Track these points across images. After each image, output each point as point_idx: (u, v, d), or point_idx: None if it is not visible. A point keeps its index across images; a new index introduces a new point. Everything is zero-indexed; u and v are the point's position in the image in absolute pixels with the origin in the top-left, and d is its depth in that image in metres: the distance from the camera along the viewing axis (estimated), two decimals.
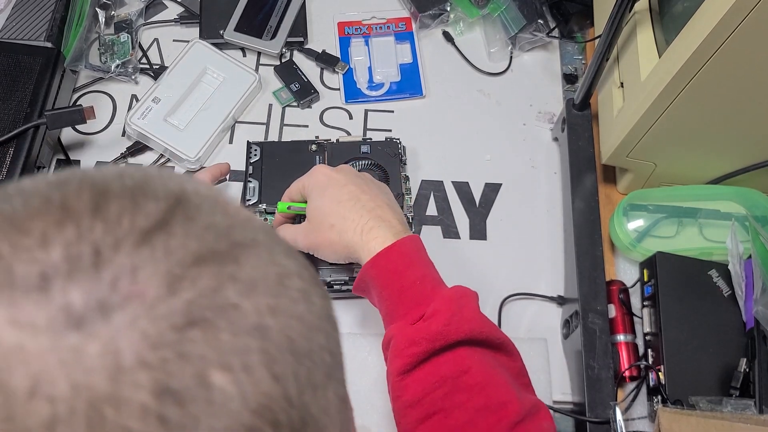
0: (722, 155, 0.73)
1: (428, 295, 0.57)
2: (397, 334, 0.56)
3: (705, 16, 0.57)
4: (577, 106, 0.79)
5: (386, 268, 0.58)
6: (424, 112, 0.87)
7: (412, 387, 0.54)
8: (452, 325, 0.54)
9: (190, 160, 0.80)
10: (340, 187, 0.63)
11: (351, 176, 0.65)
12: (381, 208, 0.61)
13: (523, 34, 0.89)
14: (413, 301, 0.57)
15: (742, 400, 0.63)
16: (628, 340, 0.71)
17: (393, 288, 0.58)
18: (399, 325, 0.57)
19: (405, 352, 0.54)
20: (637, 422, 0.69)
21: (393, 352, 0.56)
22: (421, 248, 0.60)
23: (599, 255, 0.72)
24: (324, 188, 0.64)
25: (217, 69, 0.85)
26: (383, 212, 0.61)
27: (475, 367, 0.54)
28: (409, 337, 0.55)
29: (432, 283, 0.58)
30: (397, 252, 0.58)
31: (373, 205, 0.61)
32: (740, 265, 0.69)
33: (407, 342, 0.54)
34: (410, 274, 0.57)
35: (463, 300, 0.56)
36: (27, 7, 0.85)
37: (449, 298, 0.56)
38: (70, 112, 0.76)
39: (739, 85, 0.61)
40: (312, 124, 0.86)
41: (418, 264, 0.58)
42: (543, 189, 0.83)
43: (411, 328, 0.55)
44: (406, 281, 0.57)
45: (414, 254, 0.59)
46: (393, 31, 0.91)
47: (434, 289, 0.57)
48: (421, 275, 0.58)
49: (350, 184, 0.63)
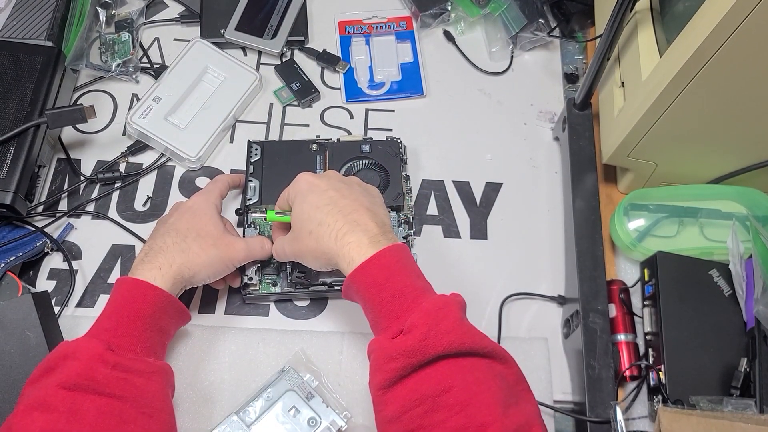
0: (723, 155, 0.73)
1: (408, 308, 0.55)
2: (377, 348, 0.56)
3: (706, 16, 0.57)
4: (577, 106, 0.79)
5: (365, 282, 0.57)
6: (425, 111, 0.87)
7: (392, 403, 0.53)
8: (429, 339, 0.53)
9: (190, 159, 0.80)
10: (320, 192, 0.62)
11: (333, 181, 0.64)
12: (357, 212, 0.60)
13: (524, 33, 0.89)
14: (393, 314, 0.56)
15: (742, 400, 0.63)
16: (629, 339, 0.71)
17: (374, 301, 0.57)
18: (379, 339, 0.56)
19: (384, 367, 0.54)
20: (637, 422, 0.69)
21: (373, 366, 0.56)
22: (403, 257, 0.59)
23: (600, 254, 0.72)
24: (305, 195, 0.63)
25: (218, 68, 0.85)
26: (359, 216, 0.60)
27: (458, 385, 0.52)
28: (387, 352, 0.54)
29: (413, 294, 0.56)
30: (376, 264, 0.57)
31: (351, 209, 0.60)
32: (741, 265, 0.70)
33: (385, 357, 0.54)
34: (390, 286, 0.56)
35: (443, 312, 0.54)
36: (28, 6, 0.85)
37: (427, 311, 0.54)
38: (71, 111, 0.76)
39: (739, 84, 0.61)
40: (313, 124, 0.86)
41: (398, 275, 0.57)
42: (544, 188, 0.83)
43: (389, 343, 0.54)
44: (386, 294, 0.56)
45: (394, 265, 0.57)
46: (394, 30, 0.91)
47: (415, 301, 0.56)
48: (401, 287, 0.56)
49: (330, 189, 0.62)
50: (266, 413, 0.66)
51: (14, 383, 0.62)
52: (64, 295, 0.74)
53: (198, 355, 0.71)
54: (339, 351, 0.71)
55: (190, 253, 0.65)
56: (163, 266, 0.63)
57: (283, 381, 0.68)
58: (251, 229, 0.74)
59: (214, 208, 0.70)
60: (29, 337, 0.64)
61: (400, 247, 0.59)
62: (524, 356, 0.72)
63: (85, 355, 0.57)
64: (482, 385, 0.52)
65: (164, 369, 0.62)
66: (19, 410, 0.55)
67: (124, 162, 0.83)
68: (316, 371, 0.69)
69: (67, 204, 0.80)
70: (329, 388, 0.69)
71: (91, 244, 0.78)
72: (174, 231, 0.66)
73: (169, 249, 0.65)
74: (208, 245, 0.66)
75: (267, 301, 0.75)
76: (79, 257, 0.77)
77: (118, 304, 0.61)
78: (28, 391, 0.57)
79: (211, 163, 0.83)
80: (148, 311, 0.61)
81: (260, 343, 0.72)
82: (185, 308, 0.65)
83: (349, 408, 0.68)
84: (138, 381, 0.58)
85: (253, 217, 0.75)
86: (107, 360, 0.57)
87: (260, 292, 0.72)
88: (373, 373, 0.55)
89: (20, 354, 0.63)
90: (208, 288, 0.74)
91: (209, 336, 0.72)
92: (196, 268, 0.65)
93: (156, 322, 0.62)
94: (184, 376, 0.69)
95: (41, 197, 0.80)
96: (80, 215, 0.79)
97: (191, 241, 0.66)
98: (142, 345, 0.61)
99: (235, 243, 0.67)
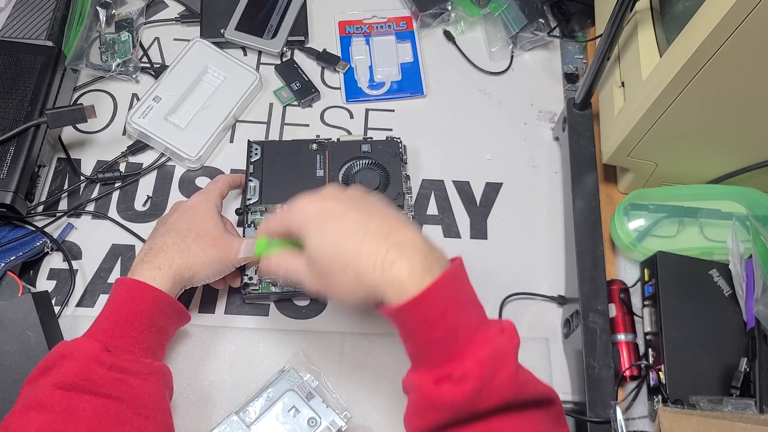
0: (723, 155, 0.73)
1: (461, 350, 0.48)
2: (418, 388, 0.50)
3: (706, 16, 0.57)
4: (578, 106, 0.79)
5: (417, 319, 0.49)
6: (425, 111, 0.87)
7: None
8: (482, 395, 0.46)
9: (190, 159, 0.80)
10: (340, 217, 0.53)
11: (344, 200, 0.55)
12: (397, 230, 0.51)
13: (524, 33, 0.89)
14: (442, 353, 0.49)
15: (742, 400, 0.63)
16: (629, 339, 0.71)
17: (421, 338, 0.50)
18: (420, 378, 0.50)
19: (426, 415, 0.48)
20: (637, 422, 0.69)
21: (412, 408, 0.50)
22: (458, 283, 0.51)
23: (600, 254, 0.72)
24: (322, 225, 0.53)
25: (218, 68, 0.85)
26: (400, 235, 0.51)
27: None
28: (431, 400, 0.48)
29: (468, 333, 0.49)
30: (431, 298, 0.49)
31: (388, 229, 0.51)
32: (741, 265, 0.70)
33: (429, 404, 0.48)
34: (443, 324, 0.49)
35: (500, 363, 0.48)
36: (28, 6, 0.85)
37: (482, 361, 0.47)
38: (71, 110, 0.76)
39: (740, 84, 0.61)
40: (313, 123, 0.86)
41: (453, 309, 0.49)
42: (544, 188, 0.83)
43: (434, 388, 0.48)
44: (438, 333, 0.49)
45: (449, 298, 0.49)
46: (394, 30, 0.91)
47: (469, 342, 0.48)
48: (456, 325, 0.49)
49: (351, 210, 0.53)
50: (266, 413, 0.66)
51: (14, 383, 0.62)
52: (64, 295, 0.74)
53: (198, 355, 0.71)
54: (339, 351, 0.71)
55: (190, 254, 0.65)
56: (163, 266, 0.63)
57: (283, 381, 0.68)
58: (251, 228, 0.74)
59: (214, 208, 0.70)
60: (29, 337, 0.64)
61: (454, 270, 0.51)
62: (524, 356, 0.71)
63: (82, 356, 0.57)
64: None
65: (161, 370, 0.62)
66: (16, 410, 0.55)
67: (124, 162, 0.83)
68: (316, 371, 0.69)
69: (67, 204, 0.80)
70: (329, 388, 0.69)
71: (91, 244, 0.78)
72: (174, 231, 0.66)
73: (169, 249, 0.65)
74: (207, 245, 0.66)
75: (267, 301, 0.75)
76: (79, 257, 0.77)
77: (117, 304, 0.61)
78: (25, 391, 0.57)
79: (211, 162, 0.83)
80: (146, 312, 0.61)
81: (260, 343, 0.72)
82: (184, 309, 0.65)
83: (349, 408, 0.68)
84: (134, 382, 0.58)
85: (253, 217, 0.75)
86: (104, 360, 0.57)
87: (260, 292, 0.72)
88: (412, 415, 0.50)
89: (20, 354, 0.63)
90: (207, 288, 0.74)
91: (209, 336, 0.72)
92: (196, 269, 0.65)
93: (154, 322, 0.62)
94: (183, 376, 0.69)
95: (41, 197, 0.80)
96: (80, 215, 0.79)
97: (191, 242, 0.66)
98: (140, 346, 0.60)
99: (234, 243, 0.67)
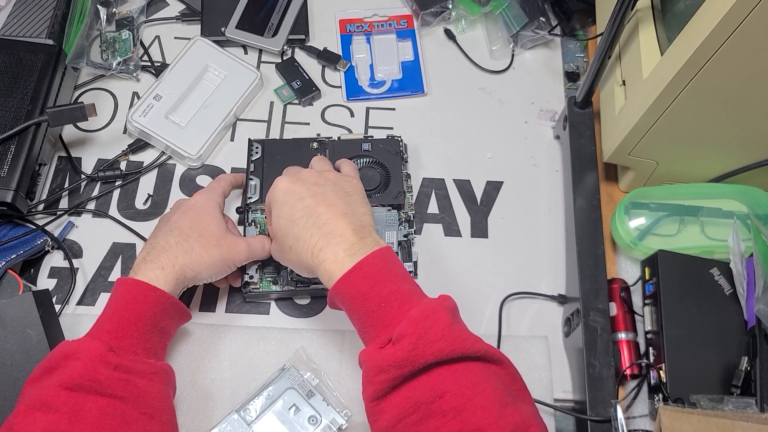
0: (724, 153, 0.73)
1: (395, 316, 0.54)
2: (367, 359, 0.55)
3: (707, 15, 0.57)
4: (578, 104, 0.79)
5: (348, 293, 0.56)
6: (426, 109, 0.87)
7: (385, 413, 0.53)
8: (419, 348, 0.52)
9: (191, 158, 0.80)
10: (296, 202, 0.61)
11: (310, 185, 0.62)
12: (333, 221, 0.59)
13: (524, 31, 0.89)
14: (380, 323, 0.55)
15: (743, 399, 0.63)
16: (630, 338, 0.71)
17: (359, 311, 0.56)
18: (368, 349, 0.55)
19: (375, 379, 0.53)
20: (638, 420, 0.69)
21: (364, 377, 0.55)
22: (384, 262, 0.57)
23: (600, 253, 0.72)
24: (281, 206, 0.62)
25: (219, 66, 0.85)
26: (335, 225, 0.58)
27: (451, 390, 0.51)
28: (377, 363, 0.53)
29: (399, 301, 0.55)
30: (356, 276, 0.56)
31: (326, 218, 0.59)
32: (742, 264, 0.69)
33: (376, 368, 0.53)
34: (375, 295, 0.55)
35: (431, 319, 0.53)
36: (28, 5, 0.85)
37: (415, 319, 0.53)
38: (72, 109, 0.76)
39: (741, 82, 0.61)
40: (313, 122, 0.86)
41: (382, 282, 0.56)
42: (544, 187, 0.83)
43: (378, 354, 0.53)
44: (371, 304, 0.55)
45: (377, 273, 0.56)
46: (394, 29, 0.91)
47: (402, 308, 0.54)
48: (386, 294, 0.55)
49: (307, 197, 0.61)
50: (267, 411, 0.66)
51: (15, 382, 0.62)
52: (65, 294, 0.74)
53: (199, 354, 0.71)
54: (339, 349, 0.71)
55: (193, 254, 0.65)
56: (166, 266, 0.63)
57: (284, 379, 0.68)
58: (252, 227, 0.74)
59: (216, 207, 0.70)
60: (30, 336, 0.64)
61: (381, 252, 0.57)
62: (525, 355, 0.72)
63: (87, 356, 0.57)
64: (476, 388, 0.51)
65: (165, 370, 0.62)
66: (20, 410, 0.55)
67: (125, 160, 0.83)
68: (316, 369, 0.69)
69: (68, 202, 0.80)
70: (330, 387, 0.69)
71: (91, 243, 0.78)
72: (177, 230, 0.66)
73: (172, 249, 0.65)
74: (210, 245, 0.66)
75: (267, 300, 0.75)
76: (80, 255, 0.77)
77: (119, 305, 0.61)
78: (28, 391, 0.57)
79: (212, 161, 0.83)
80: (149, 313, 0.61)
81: (261, 342, 0.72)
82: (186, 308, 0.65)
83: (349, 406, 0.68)
84: (140, 382, 0.58)
85: (254, 216, 0.75)
86: (109, 361, 0.57)
87: (261, 291, 0.72)
88: (365, 384, 0.55)
89: (21, 352, 0.63)
90: (208, 286, 0.74)
91: (210, 334, 0.72)
92: (198, 269, 0.65)
93: (157, 323, 0.62)
94: (184, 375, 0.69)
95: (42, 195, 0.80)
96: (81, 213, 0.79)
97: (194, 241, 0.66)
98: (144, 346, 0.61)
99: (237, 243, 0.67)
